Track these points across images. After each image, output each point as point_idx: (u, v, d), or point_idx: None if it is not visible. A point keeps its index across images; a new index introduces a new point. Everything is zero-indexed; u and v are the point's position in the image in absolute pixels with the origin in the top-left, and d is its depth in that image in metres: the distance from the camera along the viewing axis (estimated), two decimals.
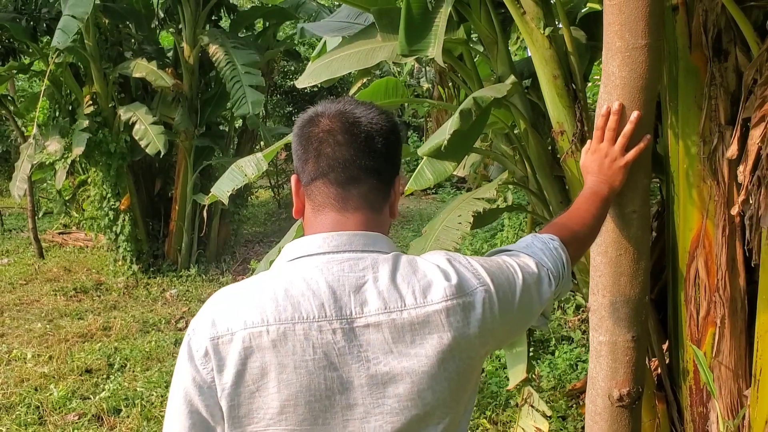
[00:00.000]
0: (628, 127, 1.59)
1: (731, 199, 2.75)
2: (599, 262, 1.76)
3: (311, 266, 1.16)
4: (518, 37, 4.00)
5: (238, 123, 9.49)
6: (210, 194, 3.24)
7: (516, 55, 4.54)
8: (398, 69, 9.68)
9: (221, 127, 9.43)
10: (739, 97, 2.68)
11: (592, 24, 3.68)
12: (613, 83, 1.59)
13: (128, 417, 4.43)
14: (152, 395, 4.72)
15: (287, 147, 10.67)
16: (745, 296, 3.06)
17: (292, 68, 11.60)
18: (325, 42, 4.55)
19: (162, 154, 7.29)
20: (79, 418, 4.42)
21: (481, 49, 3.73)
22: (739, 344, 3.05)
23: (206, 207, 7.16)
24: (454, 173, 4.15)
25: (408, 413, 1.13)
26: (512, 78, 3.11)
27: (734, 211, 2.21)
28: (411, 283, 1.15)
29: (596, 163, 1.61)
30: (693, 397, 3.06)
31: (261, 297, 1.13)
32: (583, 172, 1.65)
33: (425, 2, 3.15)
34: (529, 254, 1.33)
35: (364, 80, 4.11)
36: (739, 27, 2.54)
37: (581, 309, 6.16)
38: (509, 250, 1.35)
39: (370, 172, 1.21)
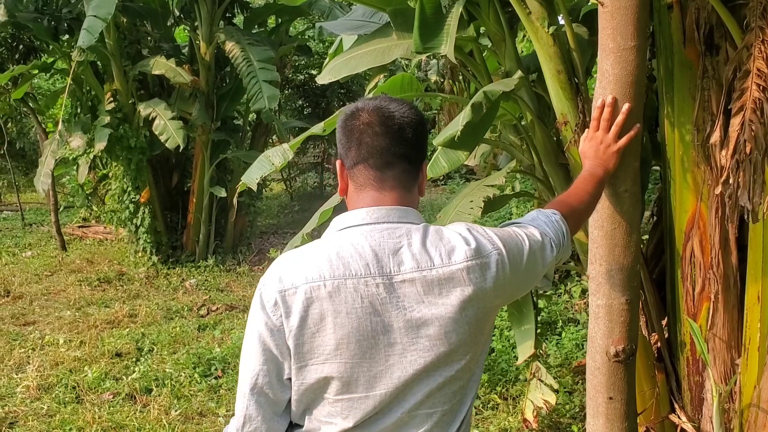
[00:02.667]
0: (620, 118, 1.85)
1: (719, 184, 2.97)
2: (596, 235, 2.01)
3: (357, 234, 1.42)
4: (524, 35, 4.23)
5: (252, 117, 9.75)
6: (240, 182, 3.49)
7: (522, 51, 4.77)
8: (406, 62, 9.94)
9: (236, 122, 9.70)
10: (729, 89, 2.91)
11: (595, 20, 3.90)
12: (607, 79, 1.84)
13: (159, 396, 4.71)
14: (181, 376, 5.00)
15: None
16: (737, 273, 3.28)
17: (303, 63, 11.85)
18: (341, 39, 4.79)
19: (181, 148, 7.56)
20: (113, 397, 4.70)
21: (489, 45, 3.97)
22: (731, 317, 3.28)
23: (231, 199, 7.43)
24: (465, 163, 4.39)
25: (437, 350, 1.39)
26: (519, 73, 3.34)
27: (717, 191, 2.45)
28: (438, 248, 1.41)
29: (593, 149, 1.87)
30: (690, 368, 3.29)
31: (318, 258, 1.39)
32: (582, 157, 1.90)
33: (438, 3, 3.38)
34: (535, 226, 1.59)
35: (381, 76, 4.35)
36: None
37: (587, 293, 6.41)
38: (518, 223, 1.61)
39: (402, 157, 1.46)
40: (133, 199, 8.41)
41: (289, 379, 1.41)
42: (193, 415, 4.47)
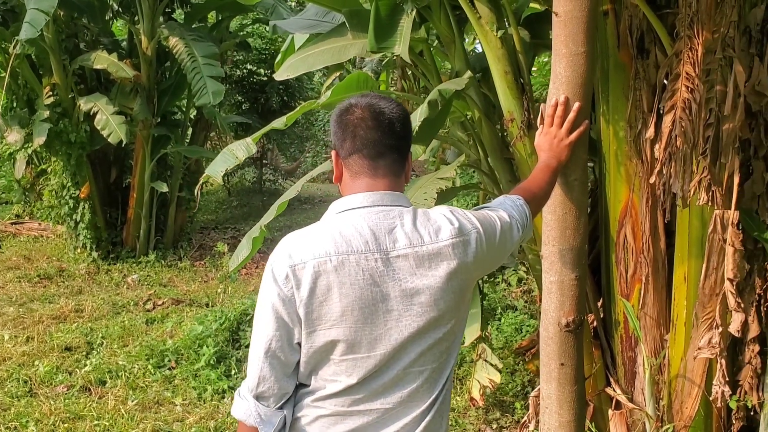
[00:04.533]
0: (571, 115, 2.11)
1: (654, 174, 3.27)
2: (550, 219, 2.27)
3: (356, 216, 1.62)
4: (475, 38, 4.46)
5: (193, 112, 9.75)
6: (204, 175, 3.61)
7: (471, 52, 4.99)
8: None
9: (176, 117, 9.69)
10: (658, 89, 3.20)
11: (535, 24, 4.18)
12: (560, 81, 2.09)
13: (115, 387, 4.77)
14: (134, 367, 5.07)
15: (235, 137, 10.89)
16: (665, 256, 3.59)
17: (242, 58, 11.88)
18: (292, 38, 4.94)
19: (124, 143, 7.54)
20: (68, 390, 4.73)
21: (435, 44, 4.19)
22: (660, 297, 3.58)
23: (164, 195, 7.39)
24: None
25: (428, 315, 1.61)
26: (469, 73, 3.58)
27: (652, 180, 2.73)
28: (426, 227, 1.63)
29: (547, 143, 2.13)
30: (623, 344, 3.59)
31: (323, 237, 1.59)
32: (537, 150, 2.16)
33: (392, 4, 3.57)
34: (503, 209, 1.84)
35: (338, 74, 4.53)
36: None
37: (523, 281, 6.76)
38: (489, 206, 1.86)
39: (393, 148, 1.67)
40: (72, 195, 8.32)
41: (299, 343, 1.60)
42: (150, 404, 4.56)
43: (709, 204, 2.68)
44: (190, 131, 9.92)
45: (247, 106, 12.21)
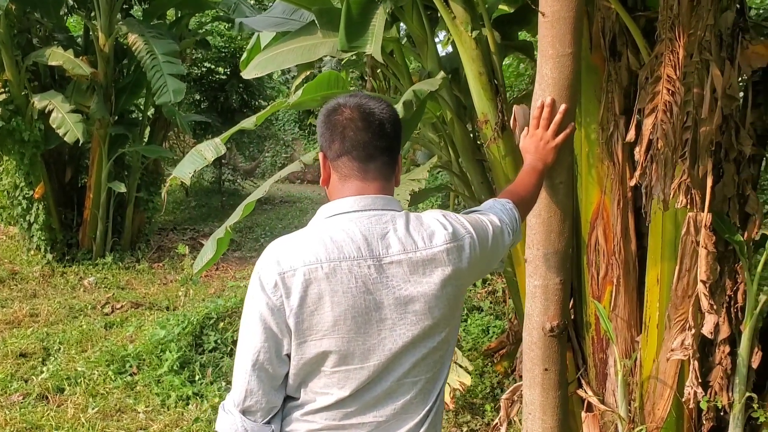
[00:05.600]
0: (558, 117, 2.08)
1: (625, 177, 3.28)
2: (534, 223, 2.24)
3: (347, 220, 1.55)
4: (449, 38, 4.43)
5: (151, 111, 9.55)
6: (171, 176, 3.51)
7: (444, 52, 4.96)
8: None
9: (134, 116, 9.47)
10: (629, 92, 3.21)
11: (504, 25, 4.17)
12: (546, 82, 2.06)
13: (74, 395, 4.61)
14: (94, 374, 4.90)
15: (194, 136, 10.67)
16: (636, 258, 3.60)
17: (200, 56, 11.68)
18: (258, 36, 4.85)
19: (81, 142, 7.33)
20: (24, 398, 4.56)
21: (405, 42, 4.15)
22: (631, 299, 3.60)
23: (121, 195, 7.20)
24: None
25: (422, 324, 1.55)
26: (442, 73, 3.55)
27: (632, 183, 2.73)
28: (420, 232, 1.57)
29: (533, 145, 2.09)
30: (594, 346, 3.59)
31: (313, 243, 1.52)
32: (523, 152, 2.12)
33: (364, 3, 3.52)
34: (493, 213, 1.79)
35: (308, 72, 4.45)
36: (631, 32, 3.05)
37: (487, 282, 6.76)
38: (479, 210, 1.81)
39: (383, 150, 1.61)
40: (26, 195, 8.06)
41: (287, 355, 1.52)
42: (111, 412, 4.42)
43: (688, 207, 2.68)
44: (148, 130, 9.71)
45: (206, 105, 12.01)
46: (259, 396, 1.51)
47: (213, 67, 11.83)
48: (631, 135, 2.58)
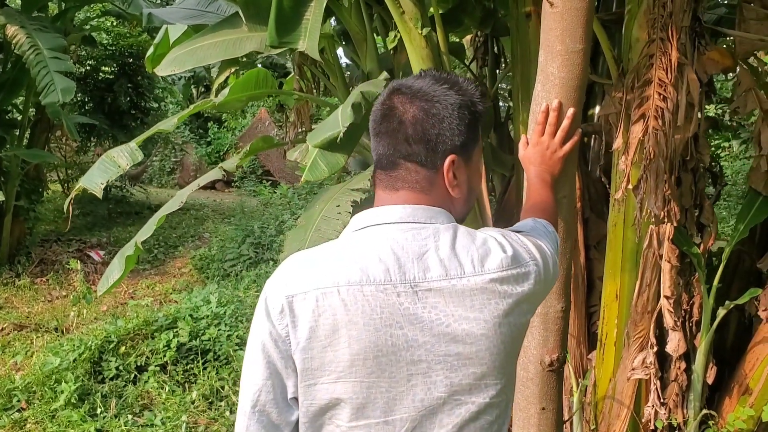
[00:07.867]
0: (565, 123, 1.81)
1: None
2: None
3: (377, 235, 1.24)
4: (396, 36, 4.18)
5: (32, 112, 8.72)
6: (77, 186, 3.03)
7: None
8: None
9: (12, 116, 8.62)
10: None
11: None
12: (552, 83, 1.80)
13: None
14: None
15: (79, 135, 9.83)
16: (585, 272, 3.47)
17: (85, 54, 10.83)
18: (166, 30, 4.39)
19: None
20: None
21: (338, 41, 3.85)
22: (580, 314, 3.47)
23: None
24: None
25: (466, 370, 1.21)
26: (384, 74, 3.26)
27: (618, 195, 2.53)
28: (470, 252, 1.24)
29: (539, 155, 1.81)
30: None
31: (331, 261, 1.20)
32: (526, 163, 1.83)
33: None
34: (538, 236, 1.44)
35: (232, 70, 4.04)
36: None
37: None
38: (522, 231, 1.44)
39: (406, 157, 1.28)
40: None
41: (295, 398, 1.21)
42: None
43: (665, 219, 2.52)
44: (28, 132, 8.84)
45: (91, 105, 11.13)
46: None
47: (97, 65, 10.99)
48: (618, 142, 2.38)
